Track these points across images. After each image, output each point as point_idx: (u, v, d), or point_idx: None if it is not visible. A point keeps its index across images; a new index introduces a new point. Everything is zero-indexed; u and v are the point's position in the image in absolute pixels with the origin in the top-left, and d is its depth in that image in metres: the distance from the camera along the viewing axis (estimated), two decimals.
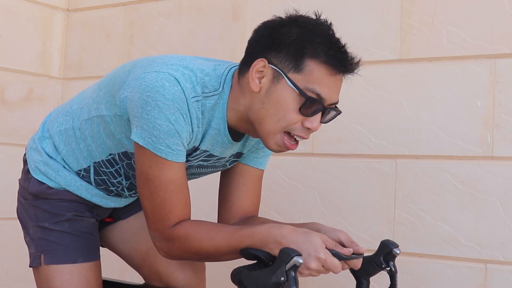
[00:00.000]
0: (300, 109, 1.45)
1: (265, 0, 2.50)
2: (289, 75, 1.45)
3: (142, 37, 2.81)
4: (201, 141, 1.55)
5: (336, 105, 1.53)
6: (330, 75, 1.46)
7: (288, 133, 1.50)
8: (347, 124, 2.28)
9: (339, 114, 1.54)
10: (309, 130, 1.49)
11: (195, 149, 1.56)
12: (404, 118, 2.19)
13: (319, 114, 1.48)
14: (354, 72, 1.51)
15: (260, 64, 1.48)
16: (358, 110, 2.26)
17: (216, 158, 1.62)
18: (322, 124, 1.51)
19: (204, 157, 1.60)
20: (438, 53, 2.15)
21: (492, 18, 2.08)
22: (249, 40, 1.55)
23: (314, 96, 1.45)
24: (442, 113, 2.13)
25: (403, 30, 2.22)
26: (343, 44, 1.50)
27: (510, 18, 2.06)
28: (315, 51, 1.44)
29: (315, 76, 1.45)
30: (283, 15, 1.52)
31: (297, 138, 1.51)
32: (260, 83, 1.48)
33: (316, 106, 1.46)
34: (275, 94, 1.46)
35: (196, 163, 1.61)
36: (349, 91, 2.22)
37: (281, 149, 1.51)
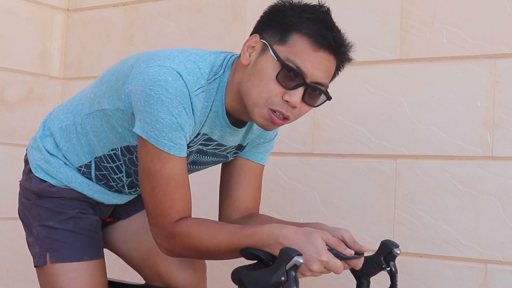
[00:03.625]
0: (277, 77, 1.45)
1: (265, 0, 2.49)
2: (274, 47, 1.47)
3: (142, 37, 2.81)
4: (202, 125, 1.56)
5: (325, 88, 1.51)
6: (313, 50, 1.45)
7: (273, 110, 1.48)
8: (347, 124, 2.28)
9: (328, 99, 1.53)
10: (288, 104, 1.47)
11: (196, 134, 1.57)
12: (404, 118, 2.19)
13: (300, 90, 1.46)
14: (341, 53, 1.49)
15: (253, 39, 1.51)
16: (358, 110, 2.26)
17: (216, 143, 1.62)
18: (321, 123, 1.50)
19: (203, 141, 1.60)
20: (438, 53, 2.15)
21: (492, 18, 2.08)
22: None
23: (293, 66, 1.44)
24: (442, 113, 2.13)
25: (403, 30, 2.22)
26: (333, 23, 1.49)
27: (510, 18, 2.06)
28: (301, 25, 1.45)
29: (297, 48, 1.45)
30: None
31: (278, 115, 1.48)
32: (250, 57, 1.50)
33: (296, 80, 1.45)
34: (259, 65, 1.48)
35: (195, 147, 1.61)
36: (349, 91, 2.23)
37: (267, 123, 1.50)
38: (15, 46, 2.87)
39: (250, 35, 1.55)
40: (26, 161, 1.78)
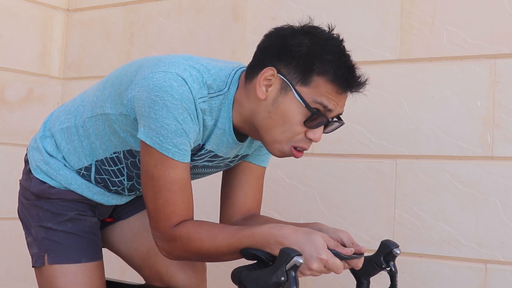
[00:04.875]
0: (305, 122, 1.48)
1: (265, 0, 2.50)
2: (297, 87, 1.46)
3: (142, 37, 2.81)
4: (206, 141, 1.55)
5: (340, 116, 1.56)
6: (337, 93, 1.48)
7: (295, 147, 1.52)
8: (347, 124, 2.26)
9: (341, 125, 1.58)
10: (311, 141, 1.52)
11: (200, 148, 1.56)
12: (404, 118, 2.19)
13: (322, 126, 1.51)
14: (360, 91, 1.54)
15: (269, 72, 1.48)
16: (358, 110, 2.26)
17: (221, 158, 1.63)
18: None
19: (209, 158, 1.61)
20: (438, 53, 2.15)
21: (492, 18, 2.08)
22: (258, 45, 1.55)
23: (320, 108, 1.47)
24: (442, 113, 2.13)
25: (403, 30, 2.22)
26: (353, 63, 1.51)
27: (510, 18, 2.06)
28: (324, 69, 1.46)
29: (322, 90, 1.47)
30: (296, 24, 1.53)
31: (299, 149, 1.53)
32: (266, 91, 1.49)
33: (320, 119, 1.49)
34: (283, 105, 1.48)
35: (201, 163, 1.62)
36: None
37: (285, 156, 1.54)
38: (15, 46, 2.87)
39: (258, 60, 1.51)
40: (26, 161, 1.78)
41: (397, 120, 2.20)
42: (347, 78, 1.48)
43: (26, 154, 1.79)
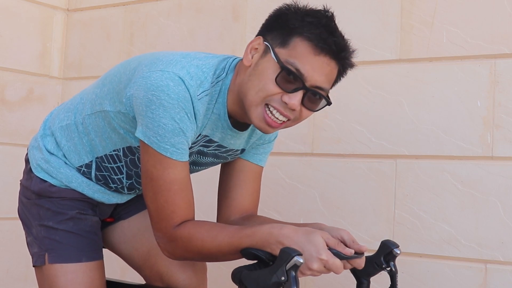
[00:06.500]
0: (276, 79, 1.45)
1: (265, 0, 2.50)
2: (276, 49, 1.47)
3: (142, 37, 2.81)
4: (203, 128, 1.56)
5: (325, 93, 1.51)
6: (314, 54, 1.45)
7: (268, 106, 1.48)
8: (347, 124, 2.28)
9: (328, 104, 1.53)
10: (286, 106, 1.47)
11: (197, 135, 1.57)
12: (404, 118, 2.19)
13: (300, 93, 1.46)
14: (342, 58, 1.49)
15: (256, 41, 1.52)
16: (358, 110, 2.26)
17: (216, 144, 1.63)
18: (321, 123, 1.50)
19: (204, 142, 1.60)
20: (438, 53, 2.15)
21: (492, 18, 2.08)
22: None
23: (293, 69, 1.44)
24: (442, 113, 2.13)
25: (403, 30, 2.22)
26: (337, 29, 1.49)
27: (510, 18, 2.06)
28: (303, 29, 1.46)
29: (298, 51, 1.45)
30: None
31: (275, 113, 1.48)
32: (252, 58, 1.51)
33: (296, 83, 1.45)
34: (260, 66, 1.48)
35: (196, 148, 1.61)
36: (349, 91, 2.23)
37: (263, 124, 1.50)
38: (15, 46, 2.87)
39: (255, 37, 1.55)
40: (27, 161, 1.78)
41: (397, 120, 2.20)
42: (325, 38, 1.45)
43: (27, 154, 1.79)
